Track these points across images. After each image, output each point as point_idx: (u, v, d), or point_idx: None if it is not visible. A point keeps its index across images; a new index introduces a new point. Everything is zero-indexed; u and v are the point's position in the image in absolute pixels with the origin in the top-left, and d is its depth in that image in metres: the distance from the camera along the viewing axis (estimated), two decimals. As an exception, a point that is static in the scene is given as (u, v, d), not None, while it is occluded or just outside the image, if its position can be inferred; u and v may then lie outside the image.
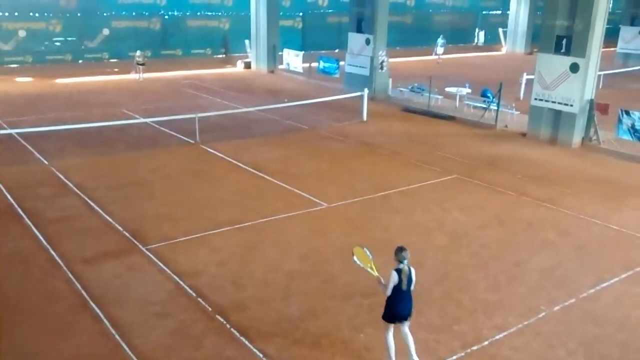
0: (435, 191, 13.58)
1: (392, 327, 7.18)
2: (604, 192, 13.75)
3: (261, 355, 7.49)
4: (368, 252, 7.32)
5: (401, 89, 24.37)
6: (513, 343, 7.90)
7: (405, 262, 7.02)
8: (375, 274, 7.19)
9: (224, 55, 35.13)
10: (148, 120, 18.40)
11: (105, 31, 32.06)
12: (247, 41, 32.62)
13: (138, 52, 27.44)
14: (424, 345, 7.77)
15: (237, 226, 11.34)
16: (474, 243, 10.91)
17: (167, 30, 34.16)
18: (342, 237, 11.01)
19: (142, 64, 27.22)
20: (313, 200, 12.73)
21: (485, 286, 9.37)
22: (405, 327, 7.23)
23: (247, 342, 7.76)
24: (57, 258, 9.94)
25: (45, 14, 30.53)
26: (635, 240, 11.25)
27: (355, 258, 7.34)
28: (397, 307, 7.08)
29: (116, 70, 29.29)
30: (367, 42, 24.36)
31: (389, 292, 7.02)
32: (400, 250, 7.10)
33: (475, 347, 7.78)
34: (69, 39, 31.41)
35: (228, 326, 8.11)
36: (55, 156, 15.35)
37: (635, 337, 8.12)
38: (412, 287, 7.13)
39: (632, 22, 35.12)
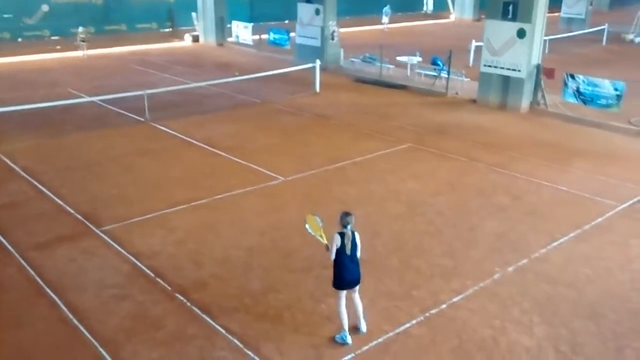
0: (389, 161, 13.72)
1: (343, 294, 7.27)
2: (552, 155, 14.16)
3: (224, 332, 7.51)
4: (319, 220, 7.40)
5: (353, 59, 24.34)
6: (470, 305, 8.14)
7: (349, 227, 7.08)
8: (324, 241, 7.28)
9: (170, 29, 34.26)
10: (95, 99, 17.86)
11: (45, 7, 30.71)
12: (194, 14, 31.87)
13: (80, 29, 26.56)
14: (384, 312, 7.93)
15: (193, 204, 11.23)
16: (428, 210, 11.11)
17: (110, 4, 32.97)
18: (299, 210, 11.01)
19: (85, 41, 26.34)
20: (268, 174, 12.69)
21: (441, 252, 9.59)
22: (355, 293, 7.35)
23: (209, 319, 7.76)
24: (7, 245, 9.66)
25: (-21, -10, 29.08)
26: (583, 200, 11.67)
27: (307, 226, 7.41)
28: (343, 273, 7.16)
29: (58, 47, 28.21)
30: (317, 12, 24.14)
31: (332, 255, 7.11)
32: (345, 215, 7.16)
33: (434, 311, 7.99)
34: (6, 16, 30.00)
35: (189, 305, 8.08)
36: (-2, 140, 14.81)
37: (584, 294, 8.48)
38: (357, 253, 7.22)
39: (575, -13, 35.82)
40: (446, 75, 20.03)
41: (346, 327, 7.28)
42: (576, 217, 10.85)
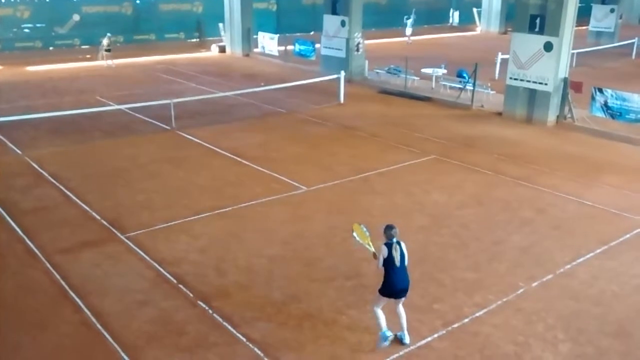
0: (414, 172, 13.66)
1: (384, 301, 7.35)
2: (578, 170, 13.96)
3: (245, 340, 7.51)
4: (365, 229, 7.56)
5: (377, 70, 24.35)
6: (493, 320, 8.03)
7: (394, 239, 7.20)
8: (372, 249, 7.40)
9: (198, 40, 34.69)
10: (123, 107, 18.13)
11: (76, 17, 31.38)
12: (220, 24, 32.22)
13: (104, 39, 26.77)
14: (407, 325, 7.85)
15: (217, 212, 11.29)
16: (453, 223, 11.01)
17: (140, 14, 33.54)
18: (323, 220, 11.03)
19: (109, 50, 26.63)
20: (293, 184, 12.72)
21: (465, 265, 9.49)
22: (400, 304, 7.41)
23: (230, 328, 7.77)
24: (34, 249, 9.81)
25: (13, 0, 29.77)
26: (610, 215, 11.47)
27: (354, 234, 7.56)
28: (393, 282, 7.23)
29: (88, 56, 28.72)
30: (343, 23, 24.23)
31: (380, 263, 7.22)
32: (388, 228, 7.29)
33: (456, 325, 7.90)
34: (39, 25, 30.70)
35: (211, 312, 8.11)
36: (28, 146, 15.08)
37: (610, 311, 8.31)
38: (405, 263, 7.30)
39: (604, 1, 35.40)
40: (472, 88, 19.91)
41: (385, 324, 7.36)
42: (603, 233, 10.67)
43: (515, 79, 18.26)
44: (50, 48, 30.88)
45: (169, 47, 32.18)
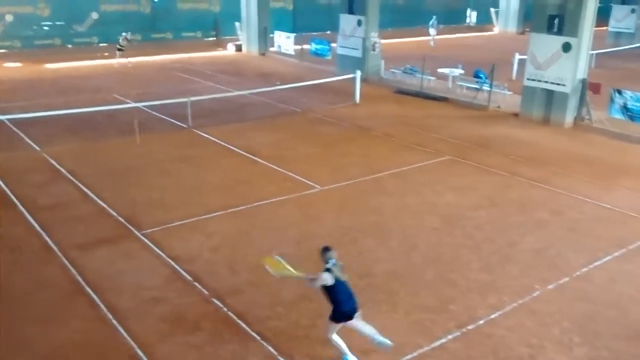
0: (428, 173, 13.60)
1: (339, 327, 6.95)
2: (596, 172, 13.81)
3: (259, 338, 7.53)
4: (279, 258, 7.10)
5: (393, 70, 24.28)
6: (507, 322, 7.97)
7: (332, 261, 6.75)
8: (297, 273, 6.98)
9: (214, 38, 34.84)
10: (139, 104, 18.24)
11: (94, 15, 31.67)
12: (237, 24, 32.34)
13: (120, 37, 26.79)
14: (419, 326, 7.84)
15: (230, 211, 11.33)
16: (467, 224, 10.95)
17: (157, 13, 33.77)
18: (334, 220, 11.03)
19: (123, 49, 26.52)
20: (306, 183, 12.72)
21: (479, 267, 9.43)
22: (355, 320, 6.96)
23: (244, 325, 7.80)
24: (51, 244, 9.92)
25: (33, -2, 30.15)
26: (627, 218, 11.34)
27: (269, 269, 7.09)
28: (346, 304, 6.83)
29: (106, 54, 28.97)
30: (359, 23, 24.20)
31: (318, 282, 6.71)
32: (325, 250, 6.85)
33: (470, 327, 7.85)
34: (58, 23, 31.02)
35: (225, 310, 8.14)
36: (46, 142, 15.24)
37: (627, 315, 8.21)
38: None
39: (624, 1, 35.05)
40: (488, 89, 19.78)
41: (346, 349, 7.03)
42: (620, 236, 10.54)
43: (532, 80, 18.11)
44: (69, 46, 31.19)
45: (185, 45, 32.37)
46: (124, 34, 27.03)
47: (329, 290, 6.82)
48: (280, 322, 7.88)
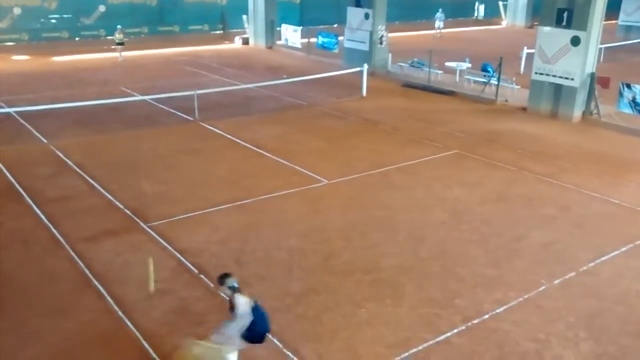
0: (436, 167, 13.57)
1: (243, 347, 6.24)
2: (604, 167, 13.74)
3: (263, 332, 7.54)
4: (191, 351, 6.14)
5: (401, 64, 24.20)
6: (513, 317, 7.96)
7: (235, 285, 6.10)
8: (211, 344, 6.06)
9: (221, 32, 34.82)
10: (146, 97, 18.29)
11: (102, 8, 31.71)
12: (244, 17, 32.32)
13: (117, 30, 26.24)
14: (425, 319, 7.84)
15: (237, 204, 11.35)
16: (474, 219, 10.92)
17: (164, 6, 33.77)
18: (342, 214, 11.02)
19: (121, 44, 26.05)
20: (313, 177, 12.72)
21: (485, 261, 9.41)
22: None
23: (249, 319, 7.80)
24: (58, 237, 9.96)
25: (41, -9, 30.19)
26: (635, 214, 11.27)
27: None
28: (262, 325, 6.20)
29: (113, 47, 28.98)
30: (366, 16, 24.12)
31: (248, 318, 6.03)
32: (223, 277, 6.15)
33: (476, 321, 7.84)
34: (65, 16, 31.08)
35: (230, 303, 8.15)
36: (54, 135, 15.29)
37: (634, 311, 8.18)
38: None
39: (634, -6, 34.76)
40: (496, 82, 19.69)
41: None
42: (628, 232, 10.49)
43: (540, 74, 18.01)
44: (76, 39, 31.26)
45: (193, 39, 32.38)
46: (119, 27, 26.55)
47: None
48: (286, 315, 7.89)
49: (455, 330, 7.65)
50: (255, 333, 6.16)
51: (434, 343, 7.41)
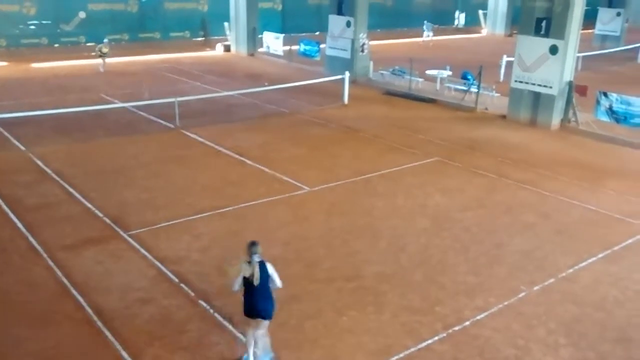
0: (417, 174, 13.65)
1: (252, 323, 6.97)
2: (582, 174, 13.93)
3: (245, 340, 7.50)
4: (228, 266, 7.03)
5: (382, 72, 24.33)
6: (494, 323, 8.02)
7: (256, 257, 6.70)
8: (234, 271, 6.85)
9: (203, 39, 34.72)
10: (127, 105, 18.17)
11: (82, 14, 31.45)
12: (226, 24, 32.25)
13: (103, 42, 25.51)
14: (407, 327, 7.87)
15: (219, 211, 11.31)
16: (455, 226, 11.00)
17: (145, 13, 33.59)
18: (324, 221, 11.04)
19: (104, 55, 25.14)
20: (295, 184, 12.72)
21: (466, 268, 9.47)
22: (259, 329, 6.97)
23: (230, 327, 7.78)
24: (37, 246, 9.84)
25: (19, -3, 29.87)
26: (613, 220, 11.44)
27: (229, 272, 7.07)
28: (248, 301, 6.83)
29: (93, 54, 28.73)
30: (348, 24, 24.24)
31: (234, 286, 6.81)
32: (252, 245, 6.78)
33: (457, 328, 7.89)
34: (44, 22, 30.77)
35: (212, 311, 8.12)
36: (32, 142, 15.11)
37: (612, 316, 8.29)
38: (270, 285, 6.83)
39: (610, 4, 35.32)
40: (476, 90, 19.89)
41: (250, 351, 7.07)
42: (606, 238, 10.65)
43: (520, 82, 18.24)
44: (56, 45, 30.95)
45: (174, 45, 32.25)
46: (106, 40, 25.92)
47: (245, 283, 6.76)
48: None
49: (436, 337, 7.69)
50: (246, 307, 6.90)
51: (415, 350, 7.44)
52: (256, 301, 6.82)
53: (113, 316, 7.96)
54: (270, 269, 6.83)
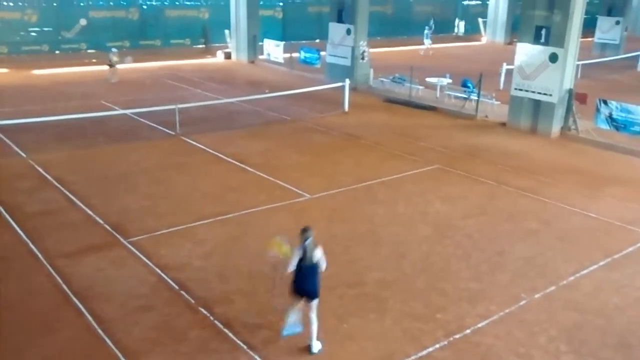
0: (418, 182, 13.66)
1: (298, 303, 7.45)
2: (583, 181, 13.95)
3: (246, 347, 7.50)
4: (280, 239, 7.60)
5: (382, 79, 24.38)
6: (496, 331, 8.01)
7: (308, 241, 7.30)
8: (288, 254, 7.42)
9: (203, 46, 34.80)
10: (128, 112, 18.20)
11: (83, 21, 31.54)
12: (227, 31, 32.34)
13: (114, 51, 25.14)
14: (408, 334, 7.85)
15: (220, 218, 11.31)
16: (456, 233, 11.00)
17: (146, 20, 33.67)
18: (325, 228, 11.02)
19: (114, 65, 24.65)
20: (296, 191, 12.73)
21: (468, 275, 9.47)
22: (311, 310, 7.42)
23: (231, 335, 7.76)
24: (37, 253, 9.83)
25: (20, 4, 29.90)
26: (613, 228, 11.45)
27: (274, 251, 7.60)
28: (295, 280, 7.36)
29: (94, 61, 28.86)
30: (348, 32, 24.32)
31: (289, 267, 7.32)
32: (303, 230, 7.42)
33: (458, 336, 7.87)
34: (46, 29, 30.84)
35: (212, 319, 8.11)
36: (33, 149, 15.12)
37: (613, 323, 8.29)
38: (319, 269, 7.37)
39: (609, 13, 35.47)
40: (476, 98, 19.93)
41: (290, 320, 7.53)
42: (607, 245, 10.65)
43: (520, 90, 18.28)
44: (57, 52, 31.02)
45: (174, 53, 32.32)
46: (114, 49, 25.61)
47: (298, 263, 7.30)
48: (270, 332, 7.85)
49: (438, 345, 7.67)
50: (292, 284, 7.39)
51: (416, 358, 7.42)
52: (299, 281, 7.31)
53: (114, 324, 7.95)
54: (319, 252, 7.37)
